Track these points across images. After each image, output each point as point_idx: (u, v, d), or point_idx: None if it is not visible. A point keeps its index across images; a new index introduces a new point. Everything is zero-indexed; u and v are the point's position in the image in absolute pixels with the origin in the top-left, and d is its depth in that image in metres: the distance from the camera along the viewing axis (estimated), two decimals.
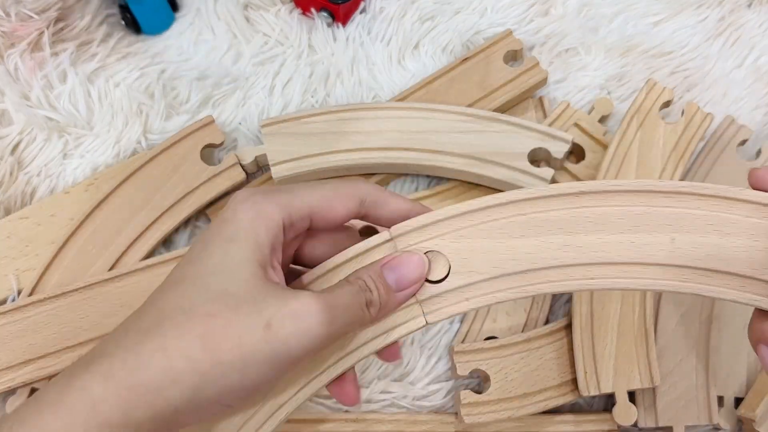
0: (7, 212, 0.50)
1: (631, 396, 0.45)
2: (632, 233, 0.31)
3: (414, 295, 0.31)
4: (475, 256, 0.31)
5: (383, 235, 0.32)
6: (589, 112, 0.51)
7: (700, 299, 0.45)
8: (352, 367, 0.32)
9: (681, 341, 0.45)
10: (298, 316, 0.27)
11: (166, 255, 0.46)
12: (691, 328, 0.45)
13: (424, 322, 0.31)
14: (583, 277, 0.31)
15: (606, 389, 0.43)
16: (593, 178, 0.48)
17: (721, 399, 0.45)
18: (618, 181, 0.31)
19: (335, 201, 0.31)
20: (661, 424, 0.44)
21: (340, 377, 0.32)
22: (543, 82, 0.52)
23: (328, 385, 0.32)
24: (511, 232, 0.31)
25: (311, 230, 0.32)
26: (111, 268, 0.47)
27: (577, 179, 0.48)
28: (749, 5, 0.58)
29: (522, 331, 0.46)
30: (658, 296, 0.45)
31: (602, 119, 0.51)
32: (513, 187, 0.47)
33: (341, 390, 0.32)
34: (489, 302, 0.31)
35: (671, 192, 0.31)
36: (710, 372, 0.45)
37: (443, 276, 0.31)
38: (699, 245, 0.31)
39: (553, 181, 0.47)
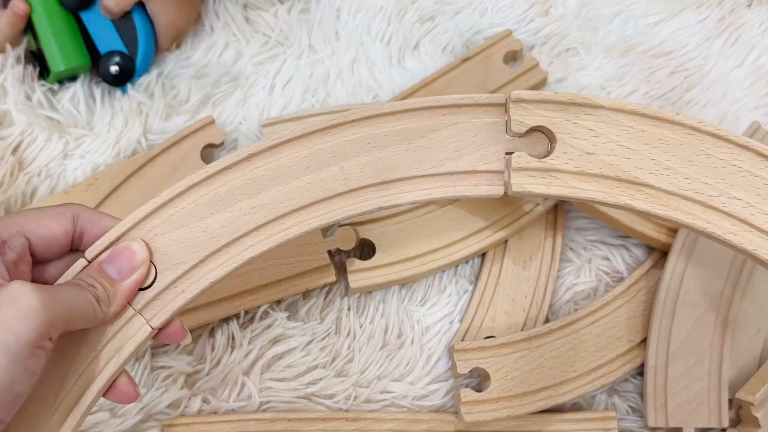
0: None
1: (641, 396, 0.46)
2: (306, 175, 0.34)
3: (143, 280, 0.33)
4: (176, 249, 0.33)
5: (80, 262, 0.32)
6: None
7: (715, 303, 0.45)
8: (121, 373, 0.33)
9: (695, 344, 0.45)
10: (14, 299, 0.28)
11: None
12: (705, 331, 0.45)
13: (150, 329, 0.32)
14: (280, 231, 0.34)
15: (674, 424, 0.44)
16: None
17: (731, 402, 0.45)
18: (277, 136, 0.34)
19: (45, 218, 0.32)
20: (671, 425, 0.44)
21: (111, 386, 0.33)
22: (543, 82, 0.52)
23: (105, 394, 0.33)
24: (200, 213, 0.33)
25: (42, 257, 0.33)
26: None
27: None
28: (749, 5, 0.58)
29: (521, 330, 0.47)
30: (675, 299, 0.45)
31: None
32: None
33: (116, 395, 0.33)
34: (204, 285, 0.33)
35: (325, 129, 0.34)
36: (722, 375, 0.45)
37: (152, 279, 0.33)
38: (365, 164, 0.34)
39: None
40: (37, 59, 0.53)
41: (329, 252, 0.47)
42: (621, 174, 0.33)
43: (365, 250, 0.50)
